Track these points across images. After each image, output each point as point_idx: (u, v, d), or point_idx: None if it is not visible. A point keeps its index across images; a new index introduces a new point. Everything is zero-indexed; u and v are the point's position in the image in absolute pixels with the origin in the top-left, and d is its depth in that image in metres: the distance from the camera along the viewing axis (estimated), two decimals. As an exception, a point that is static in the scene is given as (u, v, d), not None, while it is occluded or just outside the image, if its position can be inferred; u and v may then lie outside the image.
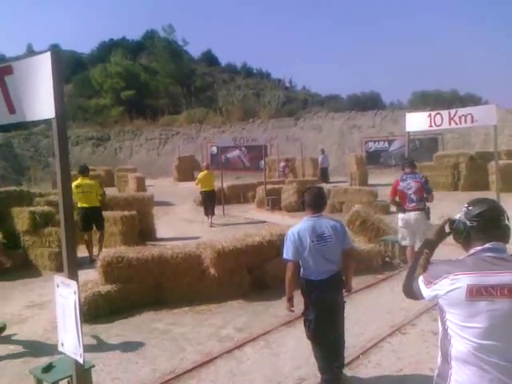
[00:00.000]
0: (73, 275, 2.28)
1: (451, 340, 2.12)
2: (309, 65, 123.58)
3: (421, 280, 2.24)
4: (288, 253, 3.92)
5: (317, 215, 3.99)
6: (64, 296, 2.32)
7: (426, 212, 7.39)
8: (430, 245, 2.42)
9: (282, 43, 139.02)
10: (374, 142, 26.72)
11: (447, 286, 2.07)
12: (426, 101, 33.63)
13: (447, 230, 2.35)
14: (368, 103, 38.67)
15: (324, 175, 21.73)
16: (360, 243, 8.12)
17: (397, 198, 7.60)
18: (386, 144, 26.33)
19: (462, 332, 2.06)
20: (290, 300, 4.04)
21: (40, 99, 2.26)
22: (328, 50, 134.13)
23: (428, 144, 23.91)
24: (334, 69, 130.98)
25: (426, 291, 2.19)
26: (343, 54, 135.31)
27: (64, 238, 2.25)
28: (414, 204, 7.40)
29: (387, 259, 8.17)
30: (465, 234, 2.19)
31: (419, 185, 7.41)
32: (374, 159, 25.36)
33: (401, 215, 7.52)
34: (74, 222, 2.29)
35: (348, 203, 13.64)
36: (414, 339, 5.08)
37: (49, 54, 2.19)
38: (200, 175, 13.44)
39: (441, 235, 2.40)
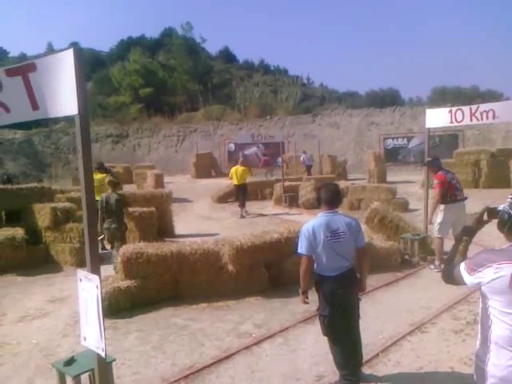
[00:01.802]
0: (95, 270, 2.31)
1: (492, 325, 2.21)
2: (326, 61, 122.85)
3: (463, 267, 2.30)
4: (302, 247, 3.95)
5: (332, 211, 3.99)
6: (86, 290, 2.35)
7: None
8: (469, 232, 2.47)
9: (299, 40, 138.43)
10: (393, 138, 26.49)
11: (491, 275, 2.15)
12: (446, 97, 33.20)
13: (485, 217, 2.41)
14: (386, 100, 38.31)
15: (309, 173, 21.87)
16: (378, 241, 8.04)
17: None
18: (405, 141, 26.09)
19: (504, 317, 2.15)
20: (305, 293, 4.08)
21: (63, 96, 2.29)
22: (346, 47, 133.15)
23: (448, 141, 23.60)
24: (352, 65, 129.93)
25: (469, 278, 2.25)
26: (361, 51, 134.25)
27: (87, 234, 2.28)
28: (461, 194, 7.53)
29: (406, 257, 8.08)
30: (509, 224, 2.26)
31: (456, 176, 7.73)
32: (392, 156, 25.16)
33: (450, 206, 7.38)
34: (96, 217, 2.32)
35: (366, 200, 13.54)
36: (435, 338, 5.03)
37: (71, 50, 2.21)
38: (232, 170, 14.12)
39: (480, 223, 2.45)
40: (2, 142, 28.40)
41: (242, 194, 13.78)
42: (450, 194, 7.42)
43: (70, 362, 3.73)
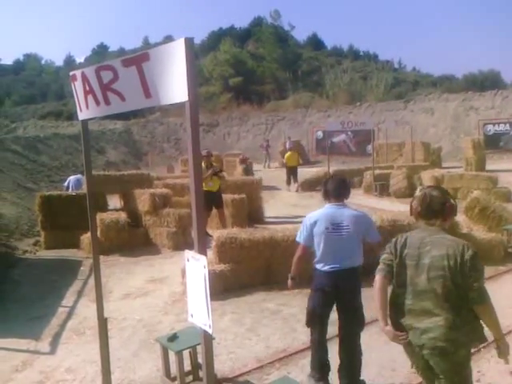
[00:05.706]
0: (202, 250, 2.40)
1: None
2: (419, 45, 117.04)
3: None
4: (300, 235, 3.96)
5: (339, 204, 3.88)
6: (193, 269, 2.46)
7: None
8: None
9: (389, 22, 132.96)
10: (494, 124, 24.72)
11: None
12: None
13: None
14: (487, 83, 35.78)
15: None
16: (479, 232, 7.60)
17: None
18: (508, 126, 24.24)
19: None
20: (293, 279, 4.10)
21: (174, 83, 2.38)
22: (440, 27, 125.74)
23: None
24: (448, 47, 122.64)
25: None
26: (457, 31, 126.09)
27: (195, 216, 2.37)
28: None
29: (510, 250, 7.57)
30: None
31: None
32: (492, 143, 23.49)
33: None
34: (203, 202, 2.42)
35: (463, 189, 12.82)
36: (544, 337, 4.67)
37: (182, 40, 2.30)
38: (286, 155, 17.40)
39: None
40: (104, 131, 30.40)
41: (294, 174, 16.91)
42: None
43: (172, 338, 3.97)
